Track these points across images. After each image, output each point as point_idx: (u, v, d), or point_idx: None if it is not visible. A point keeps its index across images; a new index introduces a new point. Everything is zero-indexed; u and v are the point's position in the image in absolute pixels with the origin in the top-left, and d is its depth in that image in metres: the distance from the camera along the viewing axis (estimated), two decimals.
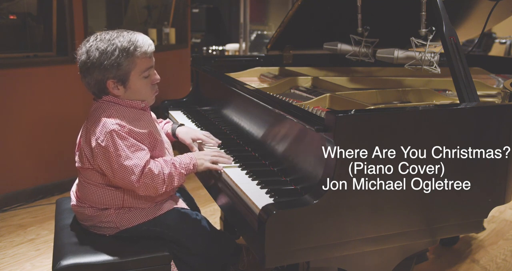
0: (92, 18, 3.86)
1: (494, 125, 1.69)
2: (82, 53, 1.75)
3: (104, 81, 1.75)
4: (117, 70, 1.73)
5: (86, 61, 1.73)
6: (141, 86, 1.80)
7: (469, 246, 3.01)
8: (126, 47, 1.72)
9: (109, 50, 1.71)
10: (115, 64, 1.71)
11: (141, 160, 1.72)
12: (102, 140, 1.70)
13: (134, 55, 1.73)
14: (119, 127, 1.71)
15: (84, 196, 1.88)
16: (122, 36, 1.74)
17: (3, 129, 3.34)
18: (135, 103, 1.83)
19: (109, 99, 1.81)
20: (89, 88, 1.80)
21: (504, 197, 1.76)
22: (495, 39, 6.99)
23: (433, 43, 2.06)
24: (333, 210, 1.47)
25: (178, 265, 1.94)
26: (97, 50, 1.71)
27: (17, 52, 3.47)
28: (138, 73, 1.77)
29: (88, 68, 1.74)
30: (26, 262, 2.74)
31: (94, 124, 1.74)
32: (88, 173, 1.84)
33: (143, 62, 1.76)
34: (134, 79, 1.77)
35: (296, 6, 2.66)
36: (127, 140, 1.71)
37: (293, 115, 1.70)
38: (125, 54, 1.71)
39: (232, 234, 2.74)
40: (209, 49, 7.46)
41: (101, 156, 1.72)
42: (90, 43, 1.75)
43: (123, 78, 1.75)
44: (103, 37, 1.74)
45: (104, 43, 1.72)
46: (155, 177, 1.73)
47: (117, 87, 1.77)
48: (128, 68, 1.74)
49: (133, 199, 1.85)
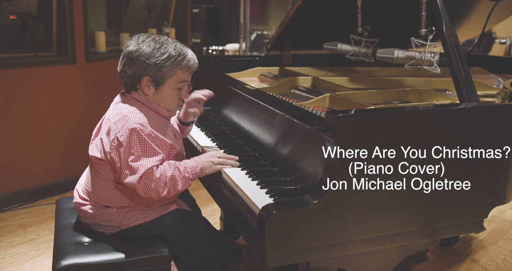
0: (92, 18, 3.86)
1: (494, 125, 1.69)
2: (134, 44, 1.79)
3: (141, 76, 1.79)
4: (158, 71, 1.77)
5: (134, 51, 1.77)
6: (171, 95, 1.84)
7: (469, 246, 3.01)
8: (175, 56, 1.78)
9: (160, 51, 1.76)
10: (159, 65, 1.76)
11: (149, 163, 1.72)
12: (121, 135, 1.72)
13: (178, 65, 1.79)
14: (141, 127, 1.73)
15: (92, 192, 1.88)
16: (175, 45, 1.80)
17: (3, 130, 3.34)
18: (161, 110, 1.85)
19: (138, 97, 1.83)
20: (123, 77, 1.83)
21: (504, 197, 1.76)
22: (495, 39, 6.99)
23: (433, 43, 2.06)
24: (333, 210, 1.47)
25: (178, 265, 1.94)
26: (149, 47, 1.77)
27: (17, 52, 3.47)
28: (174, 82, 1.81)
29: (133, 58, 1.77)
30: (26, 262, 2.74)
31: (118, 118, 1.77)
32: (100, 167, 1.85)
33: (183, 74, 1.82)
34: (168, 86, 1.81)
35: (296, 6, 2.66)
36: (145, 142, 1.73)
37: (293, 115, 1.70)
38: (172, 60, 1.77)
39: (232, 234, 2.74)
40: (209, 49, 7.45)
41: (115, 148, 1.74)
42: (144, 38, 1.80)
43: (159, 81, 1.79)
44: (157, 38, 1.80)
45: (158, 44, 1.78)
46: (156, 179, 1.72)
47: (149, 86, 1.80)
48: (168, 74, 1.78)
49: (140, 199, 1.85)
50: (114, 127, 1.75)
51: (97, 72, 3.78)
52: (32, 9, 3.57)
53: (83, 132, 3.68)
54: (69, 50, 3.60)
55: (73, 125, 3.69)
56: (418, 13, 2.04)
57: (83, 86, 3.75)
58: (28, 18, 3.55)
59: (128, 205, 1.86)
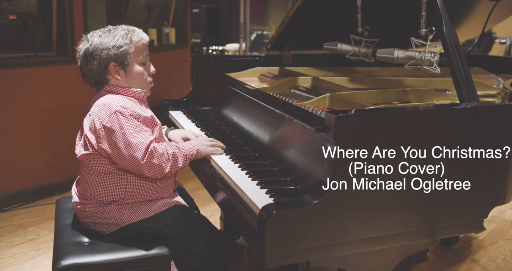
0: (92, 18, 3.86)
1: (494, 125, 1.69)
2: (83, 43, 1.87)
3: (106, 64, 1.84)
4: (118, 52, 1.83)
5: (88, 47, 1.85)
6: (139, 72, 1.90)
7: (469, 246, 3.01)
8: (126, 32, 1.86)
9: (110, 35, 1.84)
10: (116, 45, 1.83)
11: (146, 139, 1.78)
12: (107, 121, 1.76)
13: (132, 40, 1.86)
14: (123, 109, 1.78)
15: (86, 190, 1.89)
16: (121, 26, 1.89)
17: (3, 130, 3.35)
18: (135, 93, 1.91)
19: (110, 89, 1.89)
20: (91, 76, 1.89)
21: (504, 197, 1.76)
22: (495, 39, 6.99)
23: (433, 43, 2.06)
24: (333, 210, 1.47)
25: (178, 265, 1.94)
26: (98, 37, 1.85)
27: (17, 52, 3.48)
28: (136, 57, 1.88)
29: (91, 53, 1.84)
30: (26, 262, 2.74)
31: (98, 109, 1.81)
32: (89, 163, 1.86)
33: (140, 48, 1.88)
34: (133, 64, 1.88)
35: (296, 6, 2.66)
36: (131, 120, 1.78)
37: (293, 115, 1.70)
38: (124, 37, 1.84)
39: (232, 234, 2.74)
40: (209, 49, 7.46)
41: (106, 137, 1.77)
42: (91, 33, 1.88)
43: (124, 60, 1.85)
44: (102, 28, 1.88)
45: (104, 33, 1.86)
46: (160, 156, 1.79)
47: (118, 72, 1.86)
48: (128, 50, 1.85)
49: (135, 188, 1.87)
50: (97, 118, 1.79)
51: None
52: (32, 9, 3.57)
53: None
54: (69, 50, 3.60)
55: (73, 126, 3.69)
56: (418, 13, 2.04)
57: (83, 86, 3.72)
58: (28, 18, 3.55)
59: (125, 196, 1.87)
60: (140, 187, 1.88)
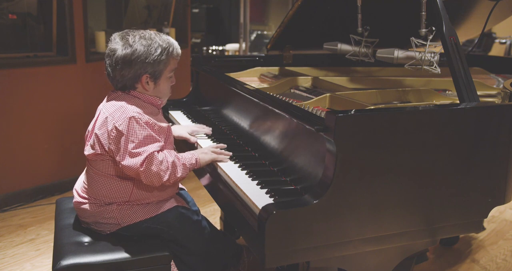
0: (92, 18, 3.86)
1: (494, 125, 1.69)
2: (124, 46, 1.80)
3: (141, 75, 1.83)
4: (156, 67, 1.82)
5: (131, 54, 1.79)
6: (166, 85, 1.92)
7: (469, 246, 3.01)
8: (167, 47, 1.84)
9: (152, 47, 1.81)
10: (157, 59, 1.81)
11: (151, 148, 1.76)
12: (120, 124, 1.75)
13: (171, 55, 1.86)
14: (139, 116, 1.77)
15: (91, 189, 1.89)
16: (160, 36, 1.86)
17: (3, 130, 3.35)
18: (154, 100, 1.91)
19: (135, 94, 1.87)
20: (121, 80, 1.84)
21: (504, 197, 1.76)
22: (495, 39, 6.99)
23: (433, 43, 2.06)
24: (333, 210, 1.47)
25: (178, 265, 1.94)
26: (142, 46, 1.80)
27: (17, 52, 3.47)
28: (168, 72, 1.89)
29: (132, 61, 1.79)
30: (26, 262, 2.74)
31: (114, 109, 1.80)
32: (98, 163, 1.86)
33: (174, 63, 1.90)
34: (164, 78, 1.88)
35: (296, 6, 2.66)
36: (144, 129, 1.76)
37: (293, 115, 1.70)
38: (165, 53, 1.83)
39: (232, 234, 2.74)
40: (209, 49, 7.46)
41: (114, 138, 1.76)
42: (133, 38, 1.81)
43: (157, 75, 1.85)
44: (143, 34, 1.83)
45: (147, 41, 1.81)
46: (159, 163, 1.76)
47: (148, 82, 1.85)
48: (164, 66, 1.85)
49: (140, 192, 1.86)
50: (111, 118, 1.78)
51: (97, 72, 3.78)
52: (32, 9, 3.57)
53: (83, 132, 3.65)
54: (69, 50, 3.60)
55: (73, 126, 3.69)
56: (418, 13, 2.04)
57: (83, 86, 3.75)
58: (28, 18, 3.55)
59: (129, 200, 1.87)
60: (145, 192, 1.87)
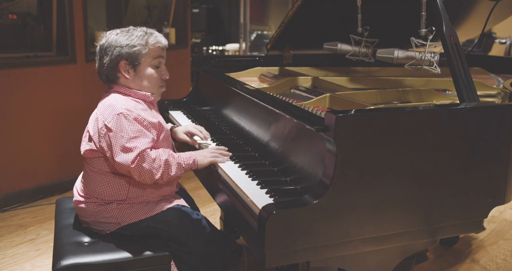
0: (92, 18, 3.86)
1: (494, 125, 1.69)
2: (102, 39, 1.90)
3: (117, 62, 1.85)
4: (131, 52, 1.85)
5: (103, 43, 1.88)
6: (150, 75, 1.91)
7: (469, 246, 3.01)
8: (142, 35, 1.88)
9: (128, 34, 1.87)
10: (130, 44, 1.84)
11: (142, 145, 1.76)
12: (109, 121, 1.77)
13: (148, 42, 1.87)
14: (127, 112, 1.78)
15: (89, 188, 1.90)
16: (140, 28, 1.92)
17: (3, 130, 3.35)
18: (144, 96, 1.91)
19: (119, 89, 1.89)
20: (102, 72, 1.90)
21: (504, 197, 1.76)
22: (495, 39, 7.00)
23: (433, 43, 2.06)
24: (333, 210, 1.47)
25: (178, 265, 1.94)
26: (116, 35, 1.88)
27: (17, 52, 3.47)
28: (149, 59, 1.89)
29: (106, 49, 1.86)
30: (26, 262, 2.74)
31: (103, 109, 1.83)
32: (94, 161, 1.87)
33: (155, 50, 1.89)
34: (145, 65, 1.89)
35: (296, 6, 2.66)
36: (133, 124, 1.77)
37: (293, 115, 1.70)
38: (140, 38, 1.86)
39: (232, 234, 2.74)
40: (209, 49, 7.46)
41: (104, 136, 1.78)
42: (110, 31, 1.91)
43: (135, 60, 1.86)
44: (123, 28, 1.91)
45: (125, 31, 1.89)
46: (151, 161, 1.76)
47: (128, 70, 1.87)
48: (140, 50, 1.86)
49: (138, 189, 1.87)
50: (101, 117, 1.81)
51: None
52: (32, 9, 3.57)
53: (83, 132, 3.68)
54: (69, 50, 3.60)
55: (73, 125, 3.69)
56: (418, 13, 2.04)
57: (83, 86, 3.75)
58: (28, 18, 3.55)
59: (127, 197, 1.87)
60: (143, 188, 1.88)
